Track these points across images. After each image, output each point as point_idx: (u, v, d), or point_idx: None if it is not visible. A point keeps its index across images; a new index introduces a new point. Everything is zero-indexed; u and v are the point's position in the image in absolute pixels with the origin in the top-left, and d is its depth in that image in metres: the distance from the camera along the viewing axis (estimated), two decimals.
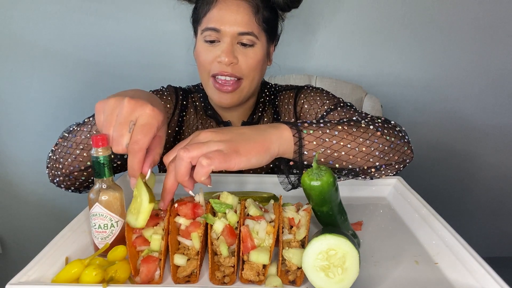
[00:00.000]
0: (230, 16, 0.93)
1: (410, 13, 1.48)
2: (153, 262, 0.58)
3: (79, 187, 0.85)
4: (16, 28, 1.46)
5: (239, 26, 0.93)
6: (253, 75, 0.99)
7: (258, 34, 0.96)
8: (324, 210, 0.67)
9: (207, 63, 0.97)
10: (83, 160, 0.78)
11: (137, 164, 0.61)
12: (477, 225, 1.80)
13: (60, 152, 0.80)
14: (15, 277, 0.54)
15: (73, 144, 0.78)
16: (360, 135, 0.75)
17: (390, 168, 0.82)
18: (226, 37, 0.94)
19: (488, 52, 1.54)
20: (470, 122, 1.64)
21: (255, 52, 0.97)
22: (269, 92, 1.13)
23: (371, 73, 1.55)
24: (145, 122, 0.61)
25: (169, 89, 1.11)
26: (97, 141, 0.60)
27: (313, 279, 0.54)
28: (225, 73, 0.95)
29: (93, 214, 0.63)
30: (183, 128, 1.09)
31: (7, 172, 1.64)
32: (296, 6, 1.03)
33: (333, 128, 0.73)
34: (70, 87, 1.54)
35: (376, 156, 0.76)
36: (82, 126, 0.80)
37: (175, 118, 1.08)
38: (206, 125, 1.09)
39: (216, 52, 0.95)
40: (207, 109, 1.09)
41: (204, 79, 1.01)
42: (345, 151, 0.73)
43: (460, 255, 0.61)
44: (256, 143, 0.63)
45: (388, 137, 0.78)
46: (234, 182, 0.89)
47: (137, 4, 1.45)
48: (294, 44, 1.51)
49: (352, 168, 0.76)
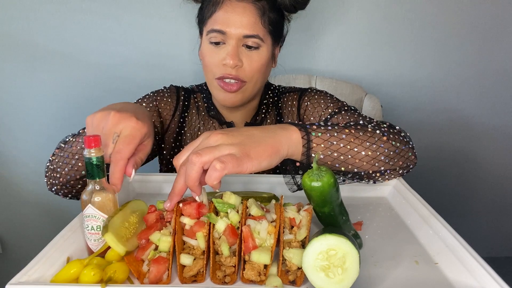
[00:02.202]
0: (235, 18, 0.93)
1: (410, 13, 1.48)
2: (163, 263, 0.58)
3: (76, 195, 0.87)
4: (16, 28, 1.46)
5: (245, 28, 0.93)
6: (257, 78, 0.99)
7: (264, 36, 0.96)
8: (326, 211, 0.67)
9: (212, 65, 0.97)
10: (79, 169, 0.80)
11: (118, 172, 0.65)
12: (477, 225, 1.80)
13: (57, 162, 0.83)
14: (15, 277, 0.54)
15: (69, 155, 0.81)
16: (366, 139, 0.75)
17: (394, 173, 0.82)
18: (231, 39, 0.94)
19: (488, 52, 1.54)
20: (470, 122, 1.64)
21: (259, 55, 0.96)
22: (273, 93, 1.13)
23: (371, 73, 1.55)
24: (128, 133, 0.66)
25: (171, 89, 1.11)
26: (89, 142, 0.60)
27: (313, 279, 0.54)
28: (230, 76, 0.95)
29: (86, 216, 0.62)
30: (185, 129, 1.09)
31: (7, 172, 1.64)
32: (303, 8, 1.03)
33: (341, 131, 0.74)
34: (70, 87, 1.54)
35: (381, 161, 0.77)
36: (77, 137, 0.82)
37: (175, 119, 1.08)
38: (208, 125, 1.09)
39: (222, 55, 0.95)
40: (210, 110, 1.09)
41: (209, 79, 1.01)
42: (351, 155, 0.73)
43: (460, 255, 0.61)
44: (266, 145, 0.64)
45: (394, 142, 0.78)
46: (235, 182, 0.89)
47: (137, 4, 1.45)
48: (294, 44, 1.51)
49: (358, 172, 0.76)
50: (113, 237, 0.58)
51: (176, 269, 0.59)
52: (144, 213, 0.68)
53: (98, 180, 0.62)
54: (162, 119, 1.07)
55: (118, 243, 0.58)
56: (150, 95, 1.09)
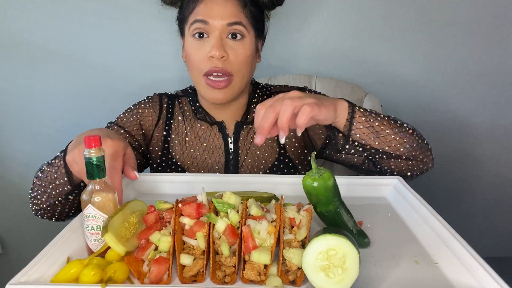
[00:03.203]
0: (218, 9, 0.94)
1: (410, 13, 1.48)
2: (164, 264, 0.58)
3: (59, 217, 0.93)
4: (16, 28, 1.46)
5: (228, 18, 0.94)
6: (244, 71, 0.99)
7: (247, 25, 0.97)
8: (331, 209, 0.67)
9: (198, 61, 0.97)
10: (56, 195, 0.86)
11: (117, 183, 0.75)
12: (477, 225, 1.80)
13: (36, 191, 0.89)
14: (15, 277, 0.54)
15: (45, 184, 0.87)
16: (396, 127, 0.89)
17: (412, 165, 0.92)
18: (215, 30, 0.94)
19: (489, 52, 1.54)
20: (470, 122, 1.63)
21: (244, 46, 0.97)
22: (262, 92, 1.13)
23: (371, 73, 1.55)
24: (112, 151, 0.75)
25: (153, 98, 1.11)
26: (89, 142, 0.60)
27: (313, 279, 0.54)
28: (217, 69, 0.94)
29: (86, 216, 0.62)
30: (172, 136, 1.08)
31: (7, 172, 1.64)
32: (280, 4, 1.05)
33: (377, 115, 0.88)
34: (70, 87, 1.53)
35: (405, 148, 0.89)
36: (50, 166, 0.87)
37: (159, 128, 1.08)
38: (196, 129, 1.08)
39: (207, 48, 0.95)
40: (197, 112, 1.08)
41: (195, 78, 1.00)
42: (383, 134, 0.87)
43: (460, 255, 0.61)
44: (331, 104, 0.81)
45: (417, 138, 0.91)
46: (235, 182, 0.89)
47: (137, 4, 1.45)
48: (294, 44, 1.51)
49: (384, 151, 0.89)
50: (113, 237, 0.58)
51: (176, 269, 0.59)
52: (144, 213, 0.68)
53: (98, 180, 0.62)
54: (145, 130, 1.07)
55: (118, 243, 0.58)
56: (131, 108, 1.09)
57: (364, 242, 0.68)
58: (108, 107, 1.52)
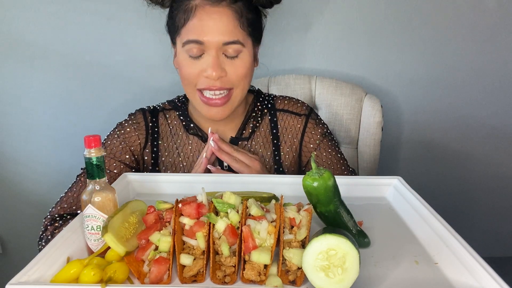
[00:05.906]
0: (212, 25, 0.87)
1: (410, 13, 1.48)
2: (165, 264, 0.58)
3: None
4: (16, 28, 1.45)
5: (224, 35, 0.87)
6: (244, 83, 0.95)
7: (244, 40, 0.91)
8: (331, 209, 0.67)
9: (192, 77, 0.91)
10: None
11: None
12: (477, 225, 1.80)
13: (44, 242, 0.94)
14: (15, 277, 0.54)
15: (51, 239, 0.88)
16: None
17: None
18: (211, 49, 0.88)
19: (489, 52, 1.54)
20: (470, 122, 1.63)
21: (242, 60, 0.92)
22: (262, 106, 1.07)
23: (371, 73, 1.55)
24: None
25: (137, 118, 1.04)
26: (89, 141, 0.60)
27: (313, 279, 0.54)
28: (214, 88, 0.90)
29: (86, 216, 0.62)
30: (163, 159, 1.01)
31: (7, 172, 1.64)
32: (278, 1, 0.98)
33: None
34: (70, 87, 1.53)
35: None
36: (58, 228, 0.93)
37: (147, 150, 1.01)
38: (188, 146, 1.02)
39: (202, 66, 0.90)
40: (189, 128, 1.02)
41: (189, 92, 0.95)
42: None
43: (460, 255, 0.61)
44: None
45: None
46: (235, 182, 0.89)
47: (137, 4, 1.45)
48: (294, 44, 1.51)
49: None
50: (113, 238, 0.58)
51: (176, 269, 0.59)
52: (143, 213, 0.68)
53: (98, 180, 0.62)
54: (136, 156, 1.01)
55: (118, 244, 0.58)
56: (116, 132, 1.02)
57: (364, 242, 0.68)
58: (108, 107, 1.52)
